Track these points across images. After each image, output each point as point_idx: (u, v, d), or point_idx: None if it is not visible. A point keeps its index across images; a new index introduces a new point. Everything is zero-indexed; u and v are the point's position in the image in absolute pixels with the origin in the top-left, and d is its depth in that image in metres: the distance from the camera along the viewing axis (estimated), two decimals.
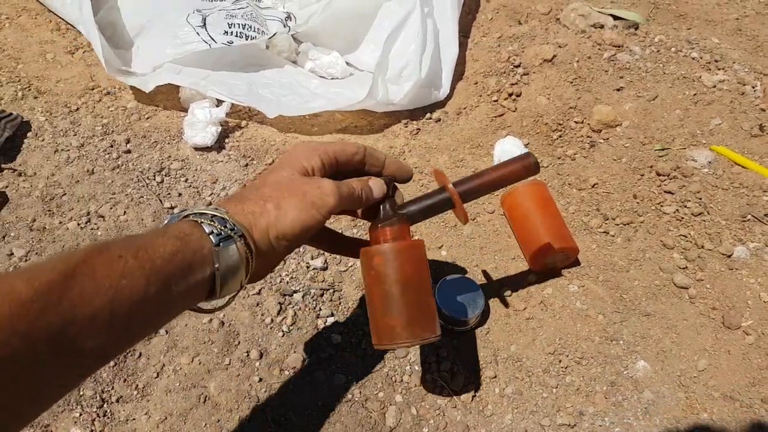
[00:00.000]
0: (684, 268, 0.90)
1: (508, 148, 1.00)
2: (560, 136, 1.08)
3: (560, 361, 0.81)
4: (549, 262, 0.88)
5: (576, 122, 1.08)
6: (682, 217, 0.95)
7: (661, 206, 0.97)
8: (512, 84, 1.14)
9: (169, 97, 1.18)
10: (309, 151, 0.57)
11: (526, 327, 0.84)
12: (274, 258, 0.54)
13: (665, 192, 0.98)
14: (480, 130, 1.10)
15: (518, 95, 1.13)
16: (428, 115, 1.13)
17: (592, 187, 1.00)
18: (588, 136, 1.07)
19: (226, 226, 0.47)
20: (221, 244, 0.46)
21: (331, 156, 0.59)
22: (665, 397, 0.78)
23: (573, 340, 0.83)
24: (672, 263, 0.90)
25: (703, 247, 0.91)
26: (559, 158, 1.04)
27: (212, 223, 0.47)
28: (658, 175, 1.00)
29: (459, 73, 1.19)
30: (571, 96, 1.12)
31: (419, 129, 1.11)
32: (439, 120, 1.13)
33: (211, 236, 0.46)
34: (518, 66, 1.17)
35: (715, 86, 1.13)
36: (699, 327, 0.84)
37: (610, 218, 0.96)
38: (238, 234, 0.48)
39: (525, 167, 0.66)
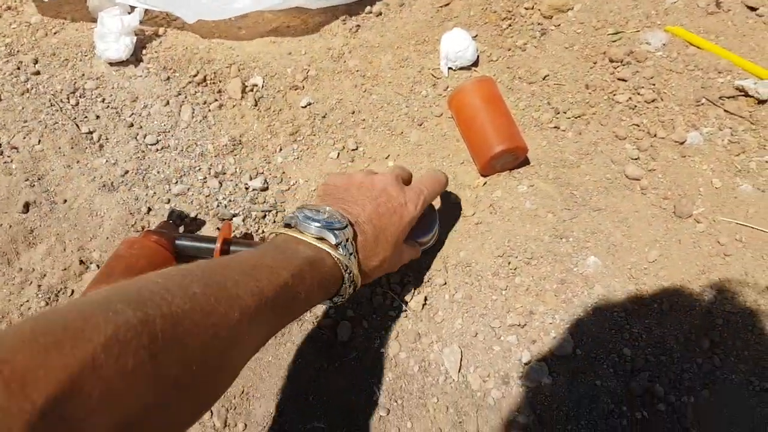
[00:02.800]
0: (636, 159, 0.90)
1: (455, 43, 0.96)
2: (510, 26, 1.03)
3: (509, 263, 0.82)
4: (498, 164, 0.87)
5: (526, 8, 1.04)
6: (635, 105, 0.94)
7: (614, 95, 0.95)
8: None
9: (77, 8, 1.09)
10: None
11: (476, 232, 0.85)
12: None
13: (618, 80, 0.97)
14: (425, 23, 1.05)
15: None
16: (368, 8, 1.07)
17: (543, 79, 0.98)
18: (539, 23, 1.03)
19: None
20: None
21: None
22: (616, 291, 0.81)
23: (522, 241, 0.84)
24: (624, 154, 0.91)
25: (655, 135, 0.91)
26: (509, 50, 1.01)
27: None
28: (611, 61, 0.98)
29: None
30: None
31: (359, 25, 1.06)
32: (380, 14, 1.07)
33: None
34: None
35: None
36: (650, 218, 0.86)
37: (561, 112, 0.94)
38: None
39: None
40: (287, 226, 0.63)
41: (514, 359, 0.76)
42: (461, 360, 0.76)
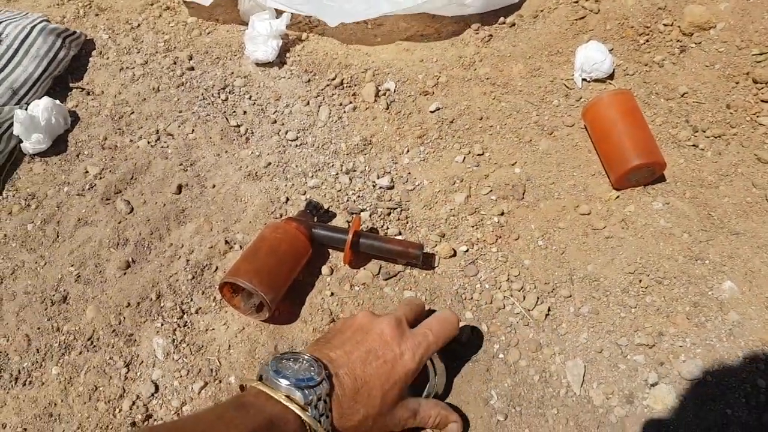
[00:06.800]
0: None
1: (591, 54, 0.92)
2: (647, 41, 0.97)
3: (640, 281, 0.77)
4: (633, 179, 0.82)
5: (665, 25, 0.98)
6: None
7: (757, 117, 0.87)
8: None
9: (228, 10, 1.14)
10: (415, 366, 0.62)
11: (605, 246, 0.80)
12: None
13: (762, 101, 0.89)
14: (559, 35, 1.01)
15: None
16: (501, 19, 1.04)
17: (682, 96, 0.91)
18: (678, 40, 0.96)
19: None
20: None
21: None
22: (752, 319, 0.73)
23: (655, 259, 0.78)
24: (766, 179, 0.83)
25: None
26: (646, 65, 0.95)
27: None
28: (755, 82, 0.90)
29: None
30: None
31: (491, 35, 1.03)
32: (514, 24, 1.04)
33: None
34: None
35: None
36: None
37: (700, 130, 0.87)
38: None
39: (411, 252, 0.78)
40: (260, 377, 0.57)
41: (640, 379, 0.71)
42: (584, 374, 0.72)
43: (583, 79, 0.95)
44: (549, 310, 0.76)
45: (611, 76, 0.94)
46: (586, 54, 0.92)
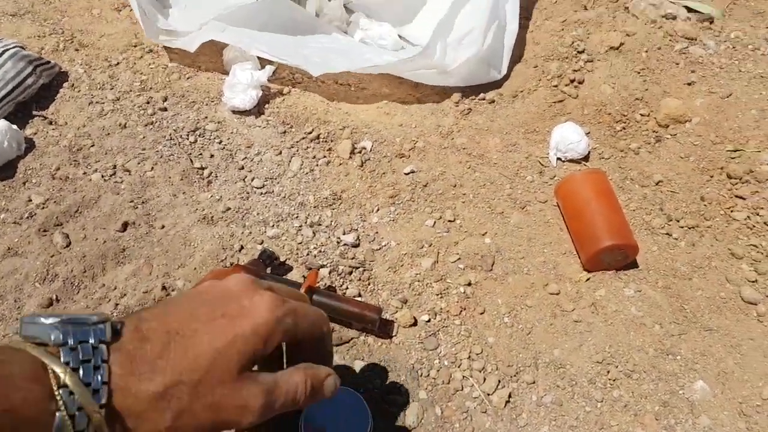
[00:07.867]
0: (753, 282, 0.78)
1: (567, 135, 0.89)
2: (624, 128, 0.96)
3: (608, 372, 0.70)
4: (605, 261, 0.77)
5: (642, 115, 0.96)
6: (754, 225, 0.83)
7: (731, 211, 0.85)
8: (575, 70, 1.02)
9: (212, 59, 1.11)
10: (262, 336, 0.39)
11: (573, 330, 0.73)
12: None
13: (736, 196, 0.86)
14: (537, 115, 0.99)
15: (581, 82, 1.01)
16: (482, 95, 1.02)
17: (656, 184, 0.88)
18: (654, 131, 0.95)
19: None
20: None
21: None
22: (724, 426, 0.67)
23: (625, 349, 0.72)
24: (740, 275, 0.79)
25: None
26: (621, 151, 0.93)
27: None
28: (729, 177, 0.88)
29: (518, 56, 1.08)
30: (637, 87, 1.00)
31: (471, 109, 1.01)
32: (493, 101, 1.02)
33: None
34: (582, 52, 1.05)
35: None
36: (767, 349, 0.72)
37: (674, 219, 0.84)
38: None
39: (367, 315, 0.71)
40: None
41: None
42: None
43: (558, 158, 0.92)
44: (510, 396, 0.68)
45: (586, 158, 0.92)
46: (562, 134, 0.90)
